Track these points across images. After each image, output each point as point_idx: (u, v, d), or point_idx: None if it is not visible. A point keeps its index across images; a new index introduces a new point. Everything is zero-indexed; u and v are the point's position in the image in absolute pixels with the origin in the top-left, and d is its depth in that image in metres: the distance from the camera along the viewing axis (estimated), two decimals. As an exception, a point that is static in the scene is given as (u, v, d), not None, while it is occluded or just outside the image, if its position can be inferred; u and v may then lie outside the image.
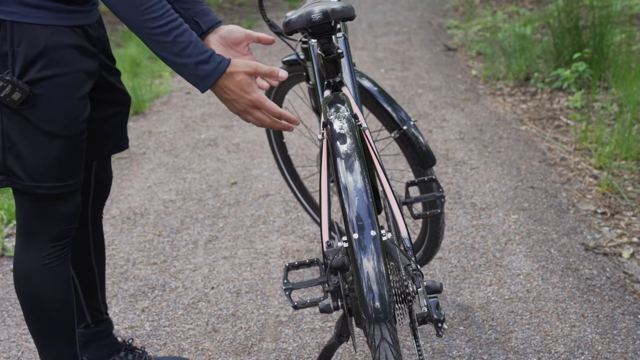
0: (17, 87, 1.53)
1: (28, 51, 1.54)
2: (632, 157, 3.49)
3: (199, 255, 2.91)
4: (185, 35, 1.53)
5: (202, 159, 3.97)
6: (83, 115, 1.67)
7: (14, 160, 1.63)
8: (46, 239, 1.74)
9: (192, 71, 1.55)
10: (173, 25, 1.52)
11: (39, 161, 1.63)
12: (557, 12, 4.95)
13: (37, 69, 1.56)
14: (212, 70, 1.56)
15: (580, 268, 2.66)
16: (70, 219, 1.75)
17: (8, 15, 1.52)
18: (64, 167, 1.66)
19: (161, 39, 1.52)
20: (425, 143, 2.19)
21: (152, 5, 1.50)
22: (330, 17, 1.80)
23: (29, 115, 1.59)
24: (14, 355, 2.34)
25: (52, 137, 1.62)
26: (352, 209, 1.53)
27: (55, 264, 1.76)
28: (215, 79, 1.57)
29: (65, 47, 1.58)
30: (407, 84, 5.17)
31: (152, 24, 1.50)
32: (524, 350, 2.21)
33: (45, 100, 1.58)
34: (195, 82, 1.57)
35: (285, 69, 2.49)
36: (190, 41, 1.53)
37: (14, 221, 3.23)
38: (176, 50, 1.53)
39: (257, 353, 2.28)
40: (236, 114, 1.65)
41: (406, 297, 1.52)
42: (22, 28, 1.53)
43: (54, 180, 1.66)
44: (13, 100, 1.54)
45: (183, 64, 1.54)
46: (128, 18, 1.51)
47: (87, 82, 1.67)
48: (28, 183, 1.65)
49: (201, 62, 1.55)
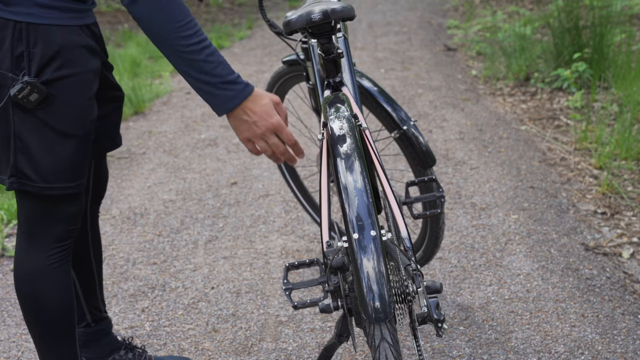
0: (35, 88, 1.54)
1: (44, 52, 1.55)
2: (632, 157, 3.49)
3: (199, 255, 2.91)
4: (215, 55, 1.55)
5: (202, 159, 3.97)
6: (93, 114, 1.68)
7: (25, 162, 1.62)
8: (50, 239, 1.74)
9: (219, 91, 1.56)
10: (205, 44, 1.54)
11: (52, 162, 1.63)
12: (557, 12, 4.95)
13: (52, 69, 1.56)
14: (241, 90, 1.58)
15: (580, 268, 2.66)
16: (75, 219, 1.76)
17: (24, 17, 1.53)
18: (76, 167, 1.67)
19: (193, 56, 1.53)
20: (425, 143, 2.19)
21: (187, 23, 1.52)
22: (330, 17, 1.80)
23: (43, 115, 1.59)
24: (14, 355, 2.34)
25: (66, 137, 1.62)
26: (352, 209, 1.53)
27: (59, 264, 1.76)
28: (242, 100, 1.58)
29: (78, 47, 1.59)
30: (407, 84, 5.17)
31: (186, 42, 1.52)
32: (524, 350, 2.21)
33: (60, 100, 1.59)
34: (221, 102, 1.58)
35: (286, 69, 2.50)
36: (221, 61, 1.55)
37: (14, 221, 3.23)
38: (207, 68, 1.54)
39: (257, 353, 2.28)
40: (249, 138, 1.64)
41: (406, 297, 1.52)
42: (37, 29, 1.54)
43: (66, 180, 1.66)
44: (30, 101, 1.55)
45: (212, 83, 1.55)
46: (162, 34, 1.52)
47: (95, 81, 1.68)
48: (40, 185, 1.64)
49: (230, 82, 1.56)
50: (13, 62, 1.54)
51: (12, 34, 1.53)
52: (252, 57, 6.37)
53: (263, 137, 1.63)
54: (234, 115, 1.61)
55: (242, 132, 1.63)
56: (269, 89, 2.66)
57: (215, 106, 1.59)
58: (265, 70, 5.86)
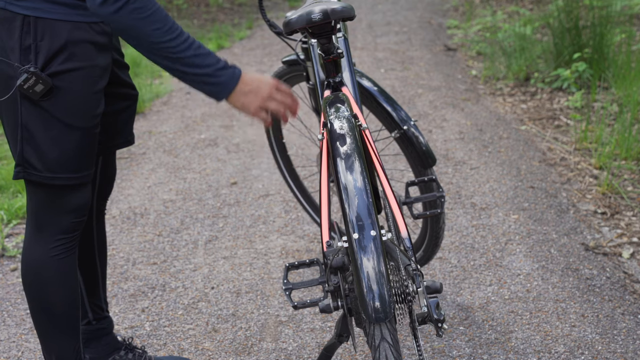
0: (40, 79, 1.59)
1: (51, 45, 1.60)
2: (632, 157, 3.49)
3: (199, 255, 2.91)
4: (202, 47, 1.60)
5: (202, 159, 3.97)
6: (98, 109, 1.72)
7: (31, 152, 1.68)
8: (56, 230, 1.78)
9: (214, 79, 1.61)
10: (190, 40, 1.59)
11: (57, 152, 1.68)
12: (557, 12, 4.95)
13: (58, 62, 1.61)
14: (233, 71, 1.64)
15: (580, 268, 2.66)
16: (80, 212, 1.79)
17: (32, 11, 1.58)
18: (80, 158, 1.72)
19: (182, 54, 1.57)
20: (426, 143, 2.19)
21: (171, 27, 1.56)
22: (330, 17, 1.80)
23: (49, 107, 1.64)
24: (14, 355, 2.34)
25: (71, 128, 1.67)
26: (352, 209, 1.53)
27: (63, 255, 1.80)
28: (239, 77, 1.64)
29: (84, 42, 1.64)
30: (407, 84, 5.17)
31: (173, 44, 1.56)
32: (524, 350, 2.21)
33: (66, 92, 1.64)
34: (219, 89, 1.63)
35: (285, 69, 2.50)
36: (208, 52, 1.61)
37: (14, 221, 3.23)
38: (197, 61, 1.59)
39: (257, 353, 2.28)
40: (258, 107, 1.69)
41: (406, 297, 1.52)
42: (45, 23, 1.59)
43: (70, 171, 1.71)
44: (36, 92, 1.60)
45: (205, 74, 1.60)
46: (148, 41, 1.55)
47: (102, 77, 1.72)
48: (45, 174, 1.69)
49: (222, 68, 1.62)
50: (22, 54, 1.60)
51: (21, 27, 1.59)
52: (252, 57, 6.37)
53: (271, 97, 1.70)
54: (236, 93, 1.65)
55: (252, 103, 1.68)
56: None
57: (217, 93, 1.64)
58: (265, 70, 5.86)
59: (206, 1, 9.28)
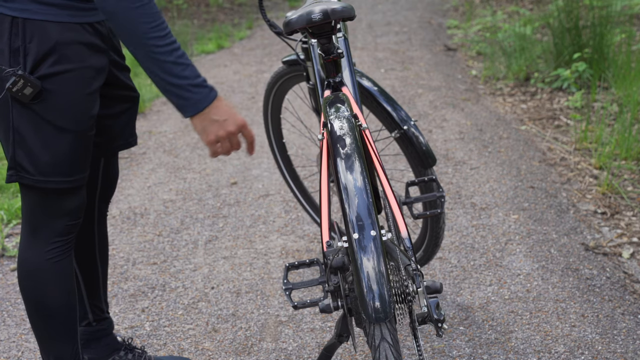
0: (29, 81, 1.57)
1: (39, 47, 1.57)
2: (632, 157, 3.49)
3: (199, 255, 2.91)
4: (184, 57, 1.57)
5: (202, 159, 3.97)
6: (92, 111, 1.70)
7: (23, 155, 1.66)
8: (51, 233, 1.76)
9: (187, 93, 1.57)
10: (175, 46, 1.56)
11: (48, 156, 1.66)
12: (557, 12, 4.95)
13: (48, 64, 1.59)
14: (208, 92, 1.59)
15: (580, 268, 2.66)
16: (75, 215, 1.78)
17: (20, 13, 1.56)
18: (73, 162, 1.69)
19: (163, 57, 1.54)
20: (426, 143, 2.19)
21: (159, 24, 1.53)
22: (331, 17, 1.80)
23: (40, 110, 1.62)
24: (14, 355, 2.34)
25: (62, 132, 1.65)
26: (352, 209, 1.53)
27: (59, 258, 1.78)
28: (211, 100, 1.59)
29: (75, 43, 1.61)
30: (407, 84, 5.17)
31: (157, 42, 1.53)
32: (524, 350, 2.21)
33: (56, 95, 1.61)
34: (188, 104, 1.58)
35: (286, 69, 2.50)
36: (189, 64, 1.57)
37: (14, 221, 3.23)
38: (176, 71, 1.55)
39: (257, 353, 2.28)
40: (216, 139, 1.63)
41: (406, 297, 1.52)
42: (33, 25, 1.57)
43: (63, 175, 1.69)
44: (25, 95, 1.58)
45: (179, 85, 1.56)
46: (133, 32, 1.52)
47: (96, 78, 1.69)
48: (37, 178, 1.67)
49: (198, 84, 1.58)
50: (11, 56, 1.58)
51: (10, 29, 1.57)
52: (252, 57, 6.37)
53: (232, 135, 1.65)
54: (203, 115, 1.60)
55: (212, 132, 1.62)
56: (269, 89, 2.66)
57: (185, 107, 1.59)
58: (265, 70, 5.86)
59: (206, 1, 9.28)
